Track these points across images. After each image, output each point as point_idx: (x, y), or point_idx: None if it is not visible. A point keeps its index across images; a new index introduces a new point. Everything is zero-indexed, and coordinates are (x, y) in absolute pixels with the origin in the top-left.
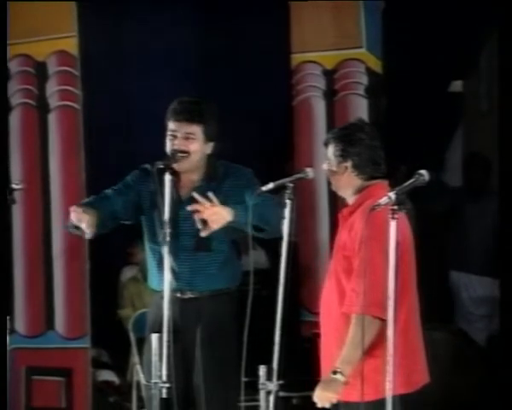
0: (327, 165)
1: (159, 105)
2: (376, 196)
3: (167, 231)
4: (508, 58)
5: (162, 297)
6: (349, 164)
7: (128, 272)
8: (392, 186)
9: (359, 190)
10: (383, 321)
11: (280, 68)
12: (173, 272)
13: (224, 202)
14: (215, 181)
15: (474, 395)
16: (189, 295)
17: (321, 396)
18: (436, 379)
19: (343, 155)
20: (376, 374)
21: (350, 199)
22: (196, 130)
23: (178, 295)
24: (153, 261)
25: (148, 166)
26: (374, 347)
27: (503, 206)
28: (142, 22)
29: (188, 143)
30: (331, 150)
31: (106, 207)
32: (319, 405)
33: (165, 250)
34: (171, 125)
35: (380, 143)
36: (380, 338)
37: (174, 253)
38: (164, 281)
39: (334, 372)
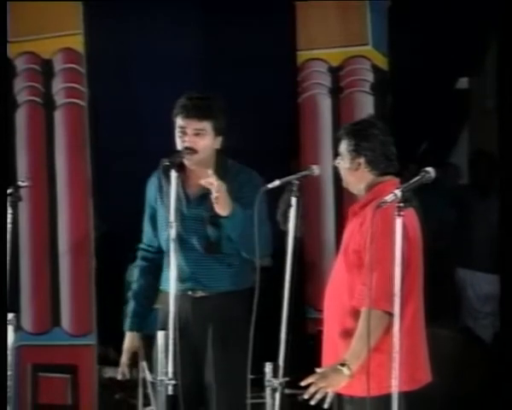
0: (339, 161)
1: (164, 102)
2: (388, 194)
3: (173, 229)
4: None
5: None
6: (362, 160)
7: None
8: (401, 184)
9: (371, 187)
10: (392, 316)
11: (286, 66)
12: (183, 271)
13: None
14: (225, 182)
15: (480, 391)
16: (200, 294)
17: (321, 385)
18: (442, 376)
19: (357, 151)
20: (381, 369)
21: (361, 195)
22: (206, 125)
23: (190, 293)
24: (165, 264)
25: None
26: (379, 342)
27: (504, 203)
28: (148, 20)
29: (198, 139)
30: (344, 146)
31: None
32: (311, 390)
33: (171, 248)
34: (180, 121)
35: (392, 139)
36: (385, 333)
37: (183, 252)
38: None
39: (342, 365)
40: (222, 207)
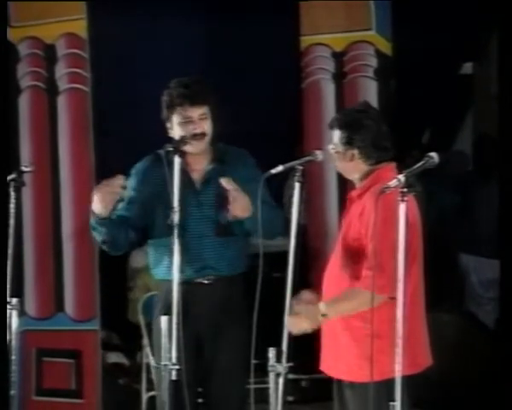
0: (333, 149)
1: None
2: (385, 179)
3: (176, 213)
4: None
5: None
6: (356, 151)
7: (139, 259)
8: (404, 170)
9: (367, 175)
10: (391, 299)
11: (289, 51)
12: (186, 257)
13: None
14: (226, 164)
15: (483, 376)
16: (200, 280)
17: (295, 322)
18: (445, 361)
19: (349, 142)
20: (382, 355)
21: (358, 183)
22: (207, 110)
23: (191, 280)
24: (164, 251)
25: (159, 152)
26: (379, 327)
27: (504, 189)
28: (151, 4)
29: (203, 123)
30: (337, 136)
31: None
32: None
33: (175, 233)
34: (184, 111)
35: (386, 126)
36: (385, 319)
37: (187, 239)
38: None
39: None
40: (243, 211)
